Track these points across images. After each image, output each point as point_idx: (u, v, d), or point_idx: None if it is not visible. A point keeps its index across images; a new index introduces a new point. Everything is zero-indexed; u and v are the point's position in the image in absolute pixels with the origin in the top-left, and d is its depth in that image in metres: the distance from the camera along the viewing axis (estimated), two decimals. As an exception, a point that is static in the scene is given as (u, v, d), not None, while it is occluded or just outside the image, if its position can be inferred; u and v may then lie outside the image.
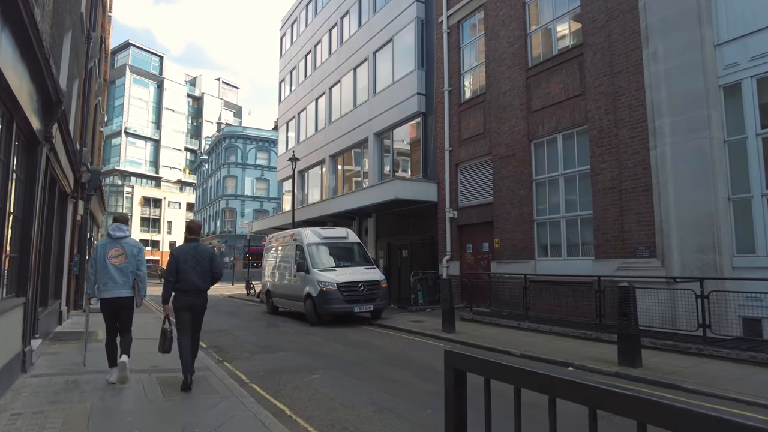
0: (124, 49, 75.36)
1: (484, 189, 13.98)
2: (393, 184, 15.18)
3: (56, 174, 8.99)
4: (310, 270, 13.13)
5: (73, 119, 11.56)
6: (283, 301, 15.17)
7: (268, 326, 12.95)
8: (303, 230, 14.53)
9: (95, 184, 15.51)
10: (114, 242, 6.10)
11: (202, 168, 57.51)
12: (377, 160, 19.36)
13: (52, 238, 9.36)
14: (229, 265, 45.19)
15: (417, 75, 16.92)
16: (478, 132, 14.24)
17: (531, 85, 12.53)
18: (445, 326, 10.55)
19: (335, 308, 12.37)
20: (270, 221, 28.18)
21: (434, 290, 14.93)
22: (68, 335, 9.71)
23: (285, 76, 30.44)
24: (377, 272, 13.56)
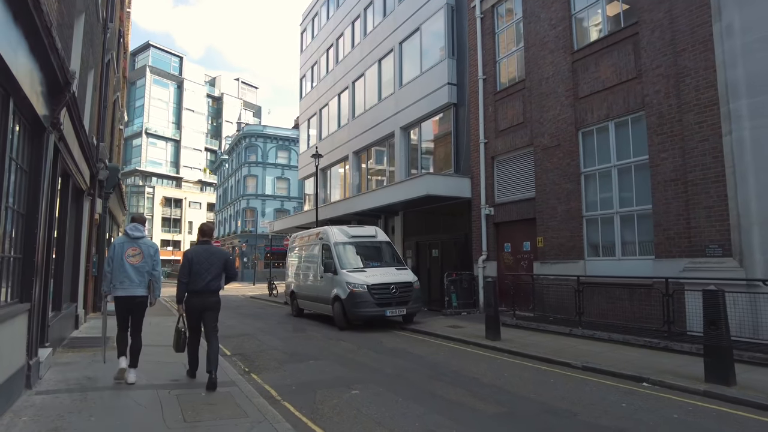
0: (144, 50, 75.83)
1: (525, 183, 12.99)
2: (424, 179, 14.27)
3: (69, 168, 8.30)
4: (338, 271, 12.31)
5: (89, 112, 10.93)
6: (308, 303, 14.39)
7: (294, 330, 12.16)
8: (329, 228, 13.71)
9: (114, 181, 14.92)
10: (132, 241, 6.15)
11: (223, 168, 57.31)
12: (404, 155, 18.47)
13: (66, 236, 8.69)
14: (250, 265, 44.77)
15: (447, 64, 15.98)
16: (517, 122, 13.25)
17: (577, 69, 11.51)
18: (489, 333, 9.62)
19: (366, 312, 11.52)
20: (292, 220, 27.51)
21: (469, 292, 13.99)
22: (83, 341, 9.03)
23: (306, 72, 29.74)
24: (409, 273, 12.68)
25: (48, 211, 6.28)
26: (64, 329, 8.97)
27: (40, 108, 5.46)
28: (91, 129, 11.55)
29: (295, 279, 15.67)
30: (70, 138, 7.47)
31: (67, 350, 8.12)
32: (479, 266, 13.89)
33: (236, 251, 48.24)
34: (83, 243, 11.32)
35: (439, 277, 15.43)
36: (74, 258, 10.48)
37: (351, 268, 12.40)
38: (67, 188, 8.73)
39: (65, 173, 8.54)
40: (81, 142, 8.51)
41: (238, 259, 47.87)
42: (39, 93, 5.44)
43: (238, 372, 7.19)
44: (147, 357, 7.60)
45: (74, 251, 10.49)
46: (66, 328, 9.29)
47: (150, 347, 8.53)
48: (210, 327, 6.24)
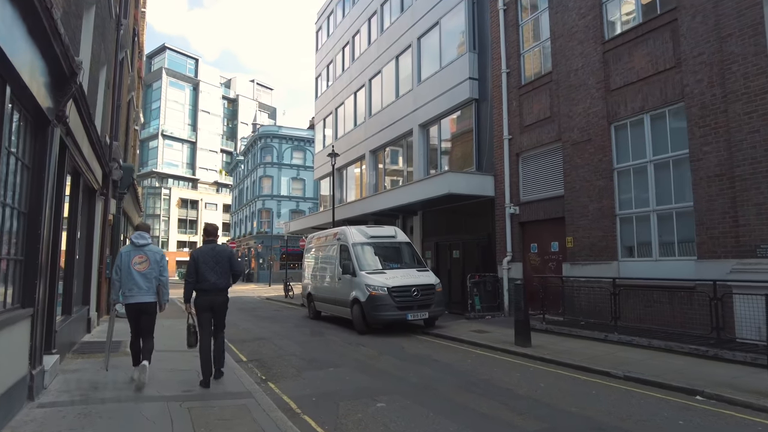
0: (160, 53, 76.38)
1: (552, 180, 12.39)
2: (445, 177, 13.73)
3: (79, 166, 7.95)
4: (356, 272, 11.84)
5: (101, 110, 10.63)
6: (326, 306, 13.95)
7: (311, 334, 11.72)
8: (347, 229, 13.25)
9: (128, 182, 14.66)
10: (137, 249, 6.28)
11: (238, 169, 57.32)
12: (422, 153, 17.94)
13: (76, 237, 8.35)
14: (265, 266, 44.55)
15: (468, 58, 15.44)
16: (543, 116, 12.66)
17: (609, 60, 10.89)
18: (519, 339, 9.05)
19: (386, 315, 11.04)
20: (307, 221, 27.13)
21: (493, 295, 13.41)
22: (95, 346, 8.68)
23: (321, 71, 29.36)
24: (431, 275, 12.16)
25: (54, 210, 5.91)
26: (74, 333, 8.64)
27: (42, 99, 5.07)
28: (104, 127, 11.25)
29: (311, 281, 15.26)
30: (79, 134, 7.11)
31: (77, 356, 7.77)
32: (504, 268, 13.31)
33: (252, 252, 48.13)
34: (96, 244, 11.02)
35: (461, 279, 14.88)
36: (86, 259, 10.16)
37: (370, 269, 11.92)
38: (78, 187, 8.39)
39: (75, 171, 8.21)
40: (91, 138, 8.16)
41: (254, 260, 47.76)
42: (41, 83, 5.06)
43: (254, 380, 6.74)
44: (159, 363, 7.23)
45: (86, 252, 10.18)
46: (77, 332, 8.95)
47: (162, 352, 8.17)
48: (218, 325, 6.43)
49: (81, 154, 7.70)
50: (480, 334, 10.52)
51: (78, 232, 8.50)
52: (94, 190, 10.29)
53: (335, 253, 13.32)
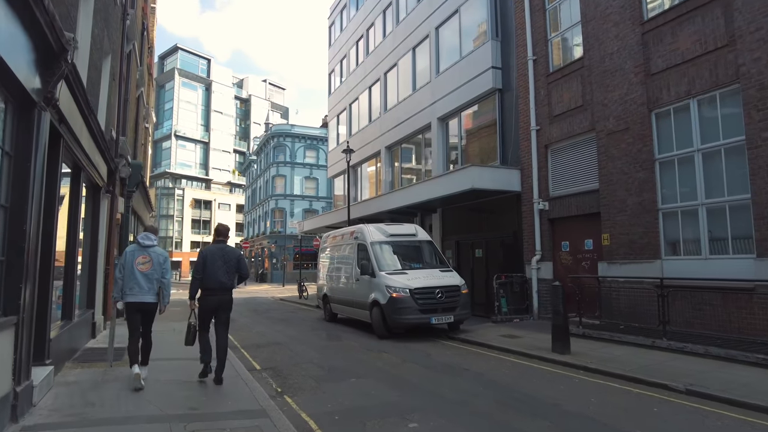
0: (172, 54, 76.40)
1: (585, 173, 11.55)
2: (468, 171, 12.94)
3: (79, 159, 7.33)
4: (376, 273, 11.12)
5: (106, 101, 10.04)
6: (343, 308, 13.25)
7: (329, 339, 11.02)
8: (365, 227, 12.54)
9: (137, 179, 14.09)
10: (142, 250, 6.31)
11: (251, 169, 56.98)
12: (441, 147, 17.16)
13: (77, 236, 7.74)
14: (279, 266, 44.10)
15: (491, 47, 14.63)
16: (574, 105, 11.82)
17: (649, 41, 10.03)
18: (557, 345, 8.25)
19: (408, 319, 10.30)
20: (322, 220, 26.49)
21: (521, 297, 12.60)
22: (98, 353, 8.07)
23: (334, 67, 28.70)
24: (455, 276, 11.39)
25: (45, 205, 5.26)
26: (76, 340, 8.03)
27: (24, 76, 4.43)
28: (110, 121, 10.66)
29: (327, 281, 14.57)
30: (76, 123, 6.47)
31: (77, 365, 7.14)
32: (532, 267, 12.50)
33: (265, 252, 47.70)
34: (101, 244, 10.43)
35: (484, 280, 14.11)
36: (91, 260, 9.57)
37: (390, 270, 11.19)
38: (78, 183, 7.77)
39: (75, 165, 7.60)
40: (92, 129, 7.53)
41: (267, 260, 47.32)
42: (24, 59, 4.42)
43: (269, 394, 6.04)
44: (164, 374, 6.59)
45: (91, 253, 9.59)
46: (80, 338, 8.35)
47: (170, 361, 7.54)
48: (221, 324, 6.44)
49: (80, 146, 7.08)
50: (511, 340, 9.73)
51: (79, 230, 7.88)
52: (98, 187, 9.70)
53: (352, 252, 12.62)
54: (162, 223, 65.15)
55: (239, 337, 11.31)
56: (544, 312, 12.25)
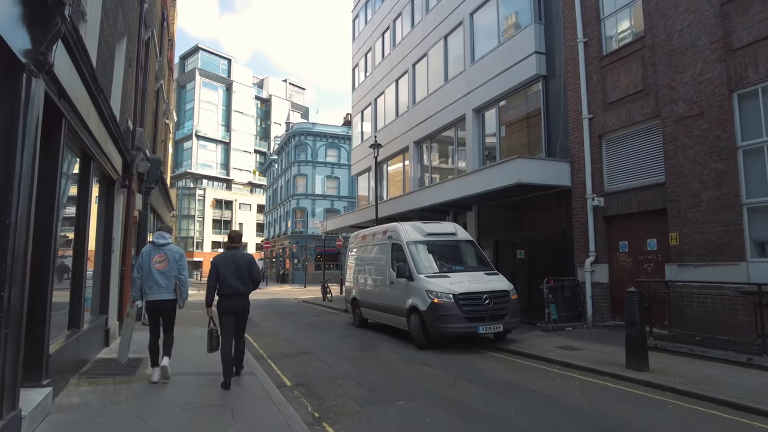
0: (193, 54, 76.49)
1: (648, 165, 10.35)
2: (514, 164, 11.79)
3: (87, 146, 6.45)
4: (414, 276, 10.07)
5: (121, 86, 9.20)
6: (374, 313, 12.21)
7: (362, 348, 10.00)
8: (400, 225, 11.50)
9: (156, 175, 13.30)
10: (158, 249, 6.43)
11: (272, 168, 56.44)
12: (477, 140, 16.03)
13: (87, 233, 6.85)
14: (300, 266, 43.35)
15: (534, 30, 13.47)
16: (634, 90, 10.62)
17: (729, 12, 8.79)
18: (633, 360, 7.10)
19: (452, 328, 9.22)
20: (345, 219, 25.55)
21: (572, 303, 11.42)
22: (110, 366, 7.17)
23: (358, 61, 27.75)
24: (503, 279, 10.28)
25: (38, 194, 4.35)
26: (85, 350, 7.15)
27: (8, 31, 3.50)
28: (125, 110, 9.83)
29: (356, 284, 13.56)
30: (81, 100, 5.56)
31: (84, 381, 6.23)
32: (585, 270, 11.30)
33: (286, 252, 47.02)
34: (116, 243, 9.59)
35: (527, 283, 12.97)
36: (104, 260, 8.71)
37: (430, 272, 10.14)
38: (88, 173, 6.88)
39: (84, 154, 6.72)
40: (102, 112, 6.64)
41: (288, 261, 46.62)
42: (6, 8, 3.49)
43: (304, 420, 5.04)
44: (184, 395, 5.67)
45: (104, 252, 8.73)
46: (89, 347, 7.47)
47: (189, 376, 6.61)
48: (239, 329, 6.51)
49: (88, 131, 6.18)
50: (570, 352, 8.59)
51: (89, 226, 6.99)
52: (112, 180, 8.84)
53: (385, 253, 11.60)
54: (183, 224, 65.14)
55: (265, 345, 10.37)
56: (599, 319, 11.07)
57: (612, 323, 10.81)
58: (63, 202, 6.05)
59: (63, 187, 5.89)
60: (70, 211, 6.63)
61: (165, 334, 6.41)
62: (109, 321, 8.93)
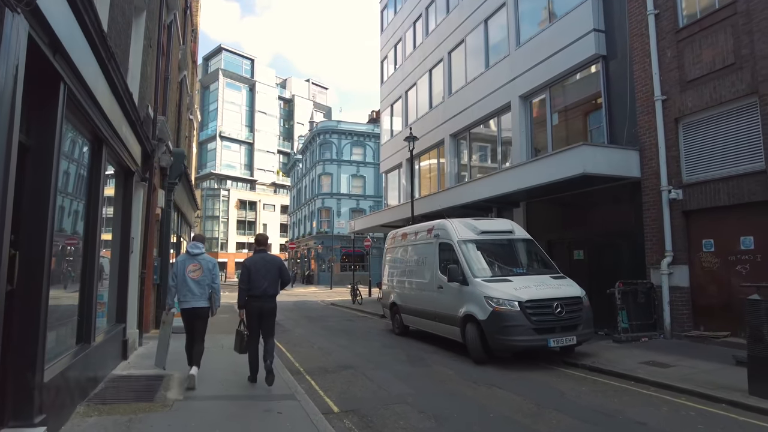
0: (216, 54, 76.47)
1: (742, 150, 8.91)
2: (579, 152, 10.41)
3: (98, 128, 5.40)
4: (469, 279, 8.82)
5: (140, 67, 8.20)
6: (418, 321, 10.99)
7: (411, 362, 8.79)
8: (448, 222, 10.26)
9: (179, 170, 12.32)
10: (192, 258, 6.57)
11: (296, 168, 55.71)
12: (524, 130, 14.69)
13: (98, 229, 5.80)
14: (326, 267, 42.41)
15: (591, 5, 12.09)
16: (721, 64, 9.18)
17: None
18: (759, 385, 5.73)
19: (518, 341, 7.94)
20: (375, 218, 24.40)
21: (647, 309, 10.02)
22: (125, 386, 6.12)
23: (387, 53, 26.58)
24: (573, 284, 8.97)
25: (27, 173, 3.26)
26: (97, 367, 6.10)
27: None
28: (145, 94, 8.83)
29: (395, 288, 12.36)
30: (85, 63, 4.48)
31: (94, 409, 5.15)
32: (661, 272, 9.89)
33: (311, 253, 46.12)
34: (136, 243, 8.58)
35: (586, 287, 11.20)
36: (121, 262, 7.69)
37: (487, 276, 8.88)
38: (99, 159, 5.83)
39: (95, 135, 5.68)
40: (114, 86, 5.58)
41: (314, 262, 45.72)
42: None
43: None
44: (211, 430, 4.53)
45: (122, 253, 7.71)
46: (103, 363, 6.43)
47: (216, 401, 5.48)
48: (267, 330, 6.53)
49: (96, 105, 5.11)
50: (662, 370, 7.24)
51: (100, 222, 5.94)
52: (130, 171, 7.82)
53: (431, 253, 10.38)
54: (207, 224, 64.92)
55: (300, 357, 9.25)
56: (678, 329, 9.65)
57: (695, 333, 9.39)
58: (66, 190, 5.00)
59: (66, 171, 4.85)
60: (77, 203, 5.59)
61: (195, 344, 6.45)
62: (128, 331, 7.90)
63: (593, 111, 12.41)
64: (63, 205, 4.85)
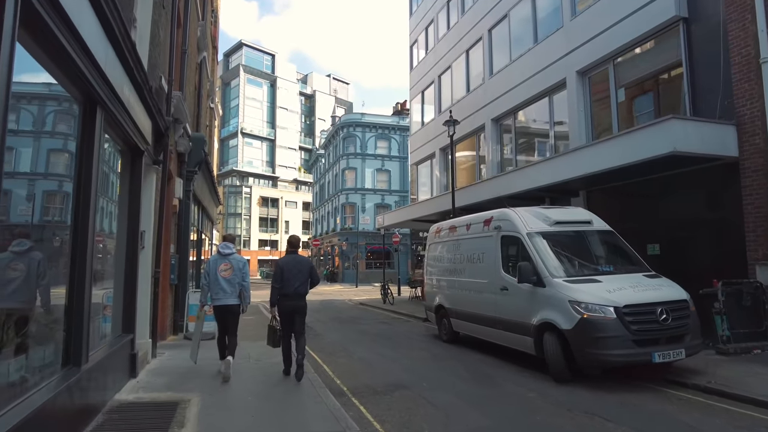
0: (237, 50, 75.84)
1: None
2: (667, 127, 8.69)
3: (90, 83, 4.07)
4: (546, 280, 7.26)
5: (149, 26, 6.89)
6: (473, 327, 9.46)
7: (475, 379, 7.29)
8: (512, 211, 8.67)
9: (199, 156, 11.05)
10: (223, 258, 6.95)
11: (319, 164, 54.57)
12: (582, 108, 13.03)
13: (88, 218, 4.43)
14: (351, 265, 41.13)
15: (669, -40, 10.40)
16: None
17: None
18: None
19: (615, 356, 6.36)
20: (406, 212, 22.89)
21: (755, 314, 8.30)
22: (133, 416, 4.78)
23: (417, 37, 25.03)
24: (673, 284, 7.36)
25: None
26: (93, 394, 4.75)
27: None
28: (157, 60, 7.52)
29: (444, 288, 10.85)
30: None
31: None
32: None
33: (335, 250, 44.86)
34: (149, 236, 7.26)
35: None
36: (129, 260, 6.36)
37: (569, 275, 7.31)
38: (92, 124, 4.46)
39: (86, 95, 4.32)
40: (109, 24, 4.21)
41: (338, 259, 44.47)
42: None
43: None
44: None
45: (129, 249, 6.38)
46: (101, 388, 5.07)
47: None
48: (299, 328, 6.84)
49: (81, 46, 3.73)
50: (813, 397, 5.60)
51: (93, 206, 4.56)
52: (138, 150, 6.47)
53: (491, 248, 8.84)
54: (230, 222, 64.27)
55: (340, 371, 7.83)
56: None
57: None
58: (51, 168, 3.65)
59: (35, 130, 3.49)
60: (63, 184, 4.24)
61: (229, 337, 6.83)
62: (137, 342, 6.57)
63: (671, 82, 10.70)
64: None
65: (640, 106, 11.87)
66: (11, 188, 3.47)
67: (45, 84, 3.81)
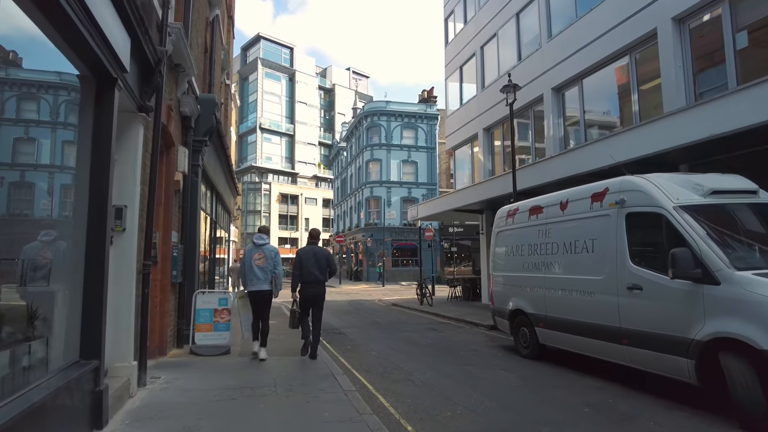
0: (255, 44, 74.06)
1: None
2: None
3: None
4: (721, 274, 4.78)
5: None
6: (576, 340, 6.98)
7: (613, 422, 4.86)
8: (642, 180, 6.15)
9: (209, 122, 8.81)
10: (257, 248, 7.62)
11: (340, 158, 52.37)
12: (681, 60, 10.45)
13: None
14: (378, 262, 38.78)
15: None
16: None
17: None
18: None
19: None
20: (445, 202, 20.48)
21: None
22: None
23: (454, 7, 22.53)
24: None
25: None
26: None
27: None
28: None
29: (524, 288, 8.41)
30: None
31: None
32: None
33: (359, 247, 42.57)
34: (132, 217, 4.99)
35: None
36: (92, 248, 4.07)
37: (757, 266, 4.84)
38: None
39: None
40: None
41: (362, 256, 42.19)
42: None
43: None
44: None
45: (92, 232, 4.09)
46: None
47: None
48: (316, 315, 7.70)
49: None
50: None
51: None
52: (108, 76, 4.17)
53: (606, 232, 6.40)
54: (249, 219, 62.46)
55: (406, 406, 5.45)
56: None
57: None
58: None
59: None
60: None
61: (262, 323, 7.53)
62: (107, 369, 4.27)
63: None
64: None
65: (757, 57, 9.29)
66: None
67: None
